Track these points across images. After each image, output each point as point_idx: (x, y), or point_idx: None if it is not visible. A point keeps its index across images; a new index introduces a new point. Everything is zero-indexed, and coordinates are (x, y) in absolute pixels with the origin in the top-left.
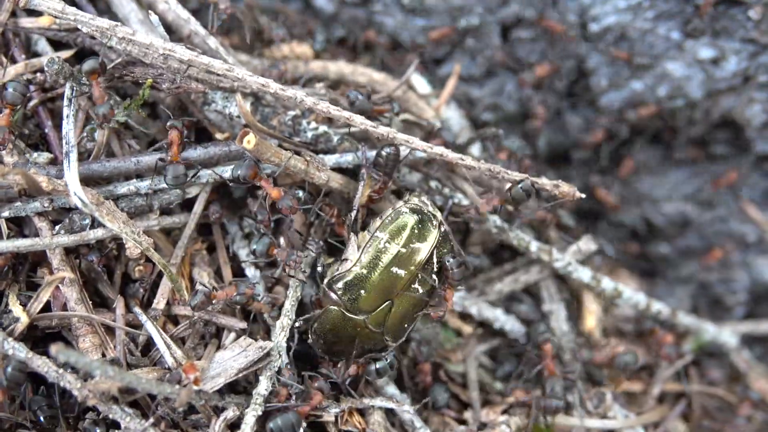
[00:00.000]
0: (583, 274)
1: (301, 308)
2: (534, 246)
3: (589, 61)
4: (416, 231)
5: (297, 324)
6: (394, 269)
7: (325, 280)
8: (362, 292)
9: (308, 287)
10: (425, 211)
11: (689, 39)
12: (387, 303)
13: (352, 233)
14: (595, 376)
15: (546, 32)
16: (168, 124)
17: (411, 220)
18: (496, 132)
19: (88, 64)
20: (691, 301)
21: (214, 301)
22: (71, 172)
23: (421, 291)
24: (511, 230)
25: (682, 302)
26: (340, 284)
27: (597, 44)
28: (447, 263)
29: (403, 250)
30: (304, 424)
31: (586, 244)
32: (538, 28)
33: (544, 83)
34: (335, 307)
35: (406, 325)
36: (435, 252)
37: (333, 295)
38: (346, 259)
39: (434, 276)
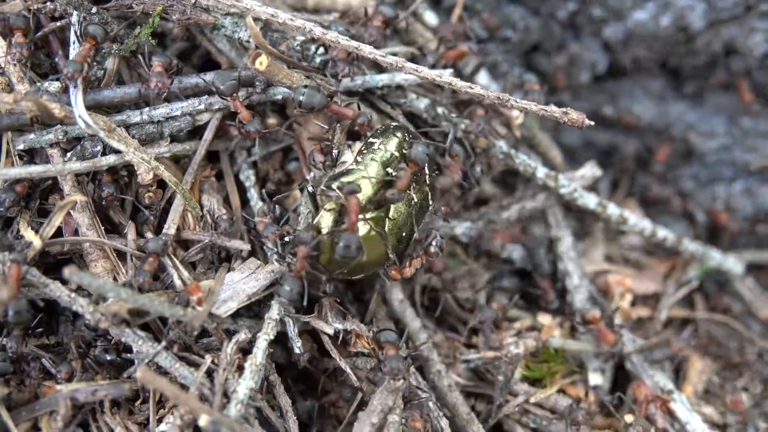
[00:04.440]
0: (589, 200)
1: None
2: (540, 172)
3: None
4: (406, 141)
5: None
6: (389, 170)
7: (323, 183)
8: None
9: None
10: (412, 130)
11: None
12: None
13: (346, 143)
14: (602, 304)
15: None
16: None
17: (400, 131)
18: (497, 61)
19: (93, 29)
20: (694, 231)
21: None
22: (76, 94)
23: (416, 199)
24: (517, 156)
25: (687, 232)
26: (338, 182)
27: None
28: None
29: (396, 153)
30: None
31: (591, 169)
32: None
33: None
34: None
35: (404, 234)
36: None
37: (333, 193)
38: (342, 163)
39: (426, 188)
